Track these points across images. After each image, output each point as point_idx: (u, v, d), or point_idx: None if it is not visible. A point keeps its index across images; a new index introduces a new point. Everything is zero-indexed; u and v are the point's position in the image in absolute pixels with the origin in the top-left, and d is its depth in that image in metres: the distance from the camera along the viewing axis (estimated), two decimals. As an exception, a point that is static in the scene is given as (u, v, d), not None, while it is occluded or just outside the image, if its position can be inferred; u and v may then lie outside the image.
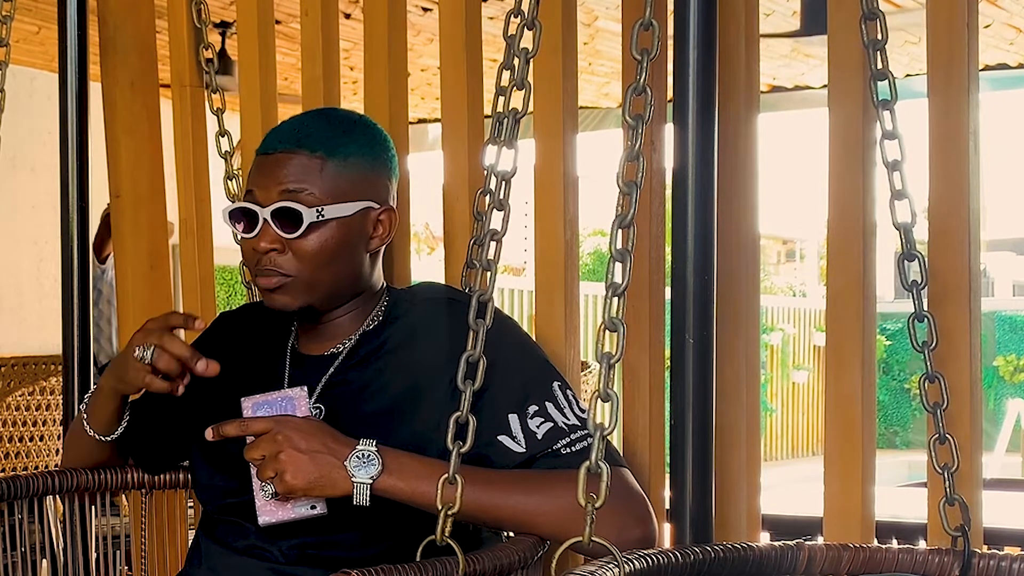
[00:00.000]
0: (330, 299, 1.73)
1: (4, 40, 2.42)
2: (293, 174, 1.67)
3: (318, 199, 1.67)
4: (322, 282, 1.70)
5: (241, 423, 1.61)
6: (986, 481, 1.78)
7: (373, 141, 1.75)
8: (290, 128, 1.72)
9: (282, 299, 1.70)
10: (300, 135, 1.69)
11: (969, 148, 1.70)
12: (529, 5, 1.69)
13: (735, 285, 1.84)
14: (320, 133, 1.70)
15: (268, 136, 1.74)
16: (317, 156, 1.68)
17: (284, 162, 1.68)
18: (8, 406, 3.97)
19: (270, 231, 1.67)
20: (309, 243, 1.67)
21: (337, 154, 1.69)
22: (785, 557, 1.49)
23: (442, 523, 1.46)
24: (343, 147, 1.70)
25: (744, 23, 1.86)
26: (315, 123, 1.73)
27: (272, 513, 1.62)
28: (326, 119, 1.75)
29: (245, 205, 1.69)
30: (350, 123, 1.75)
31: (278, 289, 1.69)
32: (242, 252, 1.74)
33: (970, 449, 1.68)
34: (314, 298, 1.71)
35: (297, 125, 1.72)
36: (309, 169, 1.67)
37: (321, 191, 1.67)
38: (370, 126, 1.78)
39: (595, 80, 7.00)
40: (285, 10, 4.96)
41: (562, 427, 1.65)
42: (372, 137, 1.75)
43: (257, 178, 1.70)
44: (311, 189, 1.67)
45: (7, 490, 1.93)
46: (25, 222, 7.07)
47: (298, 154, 1.68)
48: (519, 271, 11.91)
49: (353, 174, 1.70)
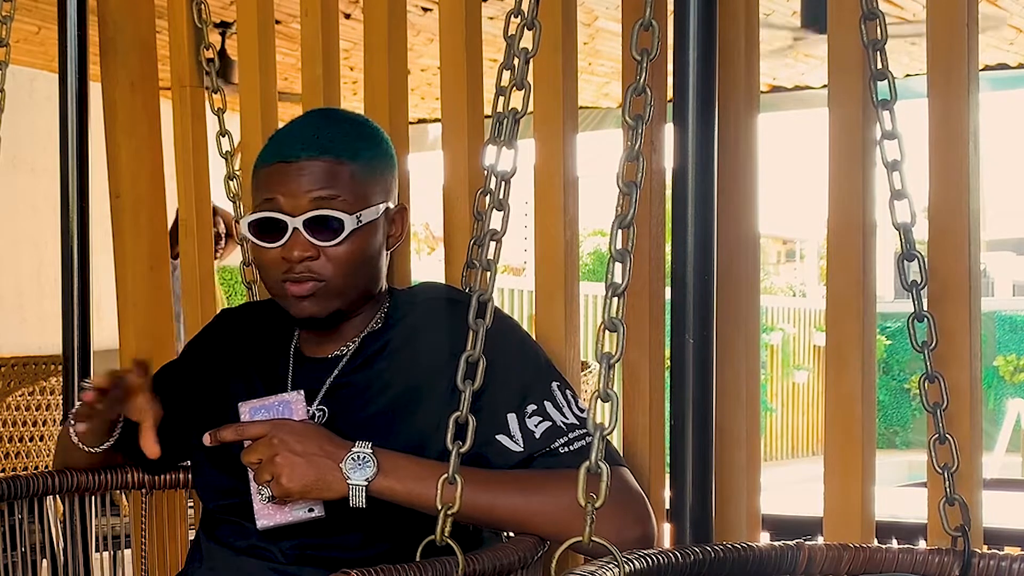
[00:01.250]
0: (354, 304, 1.73)
1: (4, 40, 2.42)
2: (322, 181, 1.66)
3: (351, 204, 1.66)
4: (353, 286, 1.70)
5: (238, 427, 1.61)
6: (986, 481, 1.78)
7: (382, 141, 1.76)
8: (308, 134, 1.70)
9: (312, 307, 1.69)
10: (321, 140, 1.68)
11: (969, 148, 1.70)
12: (529, 5, 1.69)
13: (735, 285, 1.84)
14: (340, 137, 1.69)
15: (282, 142, 1.71)
16: (343, 161, 1.67)
17: (310, 169, 1.66)
18: (8, 406, 3.97)
19: (302, 239, 1.65)
20: (345, 249, 1.67)
21: (359, 157, 1.69)
22: (785, 557, 1.49)
23: (442, 523, 1.46)
24: (363, 150, 1.70)
25: (744, 23, 1.86)
26: (331, 127, 1.72)
27: (270, 517, 1.62)
28: (339, 122, 1.75)
29: (271, 215, 1.67)
30: (360, 124, 1.76)
31: (310, 297, 1.68)
32: (261, 261, 1.70)
33: (970, 449, 1.68)
34: (343, 302, 1.71)
35: (314, 130, 1.71)
36: (337, 175, 1.66)
37: (352, 196, 1.67)
38: (374, 126, 1.79)
39: (595, 80, 6.99)
40: (285, 10, 4.96)
41: (560, 426, 1.65)
42: (380, 137, 1.76)
43: (280, 186, 1.67)
44: (343, 195, 1.66)
45: (7, 490, 1.93)
46: (25, 223, 7.06)
47: (323, 160, 1.66)
48: (519, 271, 11.91)
49: (374, 176, 1.70)
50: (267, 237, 1.67)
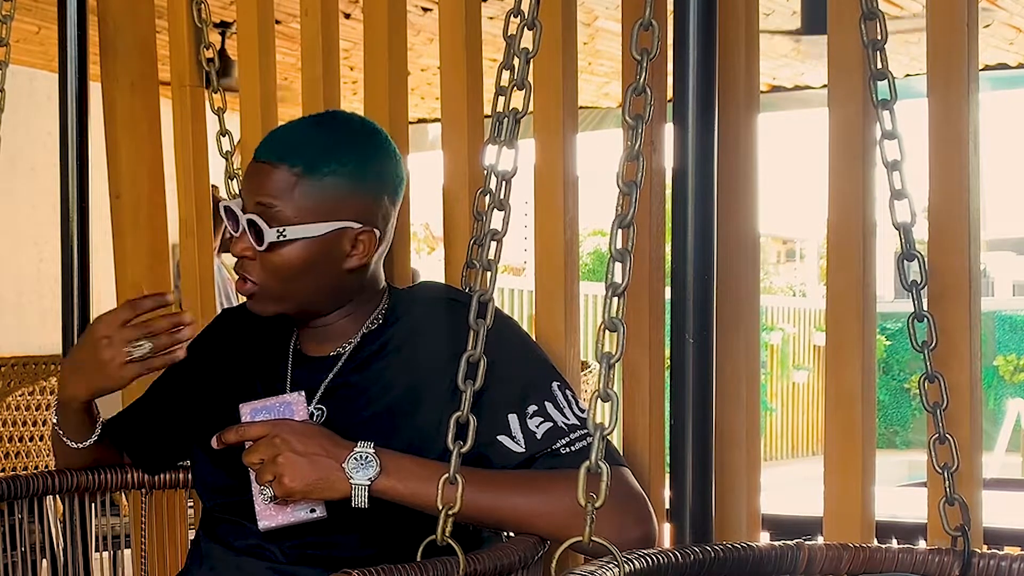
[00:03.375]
0: (305, 309, 1.73)
1: (4, 40, 2.42)
2: (268, 188, 1.67)
3: (287, 217, 1.66)
4: (291, 294, 1.70)
5: (239, 428, 1.61)
6: (986, 481, 1.77)
7: (366, 159, 1.71)
8: (280, 138, 1.72)
9: (253, 304, 1.72)
10: (285, 148, 1.68)
11: (969, 148, 1.70)
12: (529, 5, 1.69)
13: (735, 285, 1.84)
14: (307, 148, 1.68)
15: (263, 141, 1.73)
16: (294, 172, 1.66)
17: (264, 173, 1.68)
18: (8, 406, 3.97)
19: (245, 237, 1.68)
20: (274, 258, 1.67)
21: (316, 172, 1.67)
22: (785, 557, 1.49)
23: (442, 523, 1.45)
24: (324, 165, 1.67)
25: (744, 23, 1.86)
26: (306, 135, 1.71)
27: (272, 517, 1.62)
28: (322, 133, 1.72)
29: (232, 206, 1.70)
30: (348, 138, 1.72)
31: (251, 296, 1.71)
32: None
33: (970, 449, 1.68)
34: (285, 307, 1.72)
35: (289, 136, 1.72)
36: (284, 185, 1.66)
37: (292, 209, 1.66)
38: (369, 144, 1.73)
39: (595, 80, 7.00)
40: (285, 10, 4.96)
41: (562, 427, 1.65)
42: (367, 156, 1.71)
43: (244, 182, 1.72)
44: (281, 206, 1.66)
45: (7, 490, 1.93)
46: (25, 222, 7.07)
47: (278, 168, 1.67)
48: (519, 271, 11.91)
49: (330, 193, 1.67)
50: (232, 227, 1.71)
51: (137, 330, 1.70)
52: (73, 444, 1.89)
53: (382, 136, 1.75)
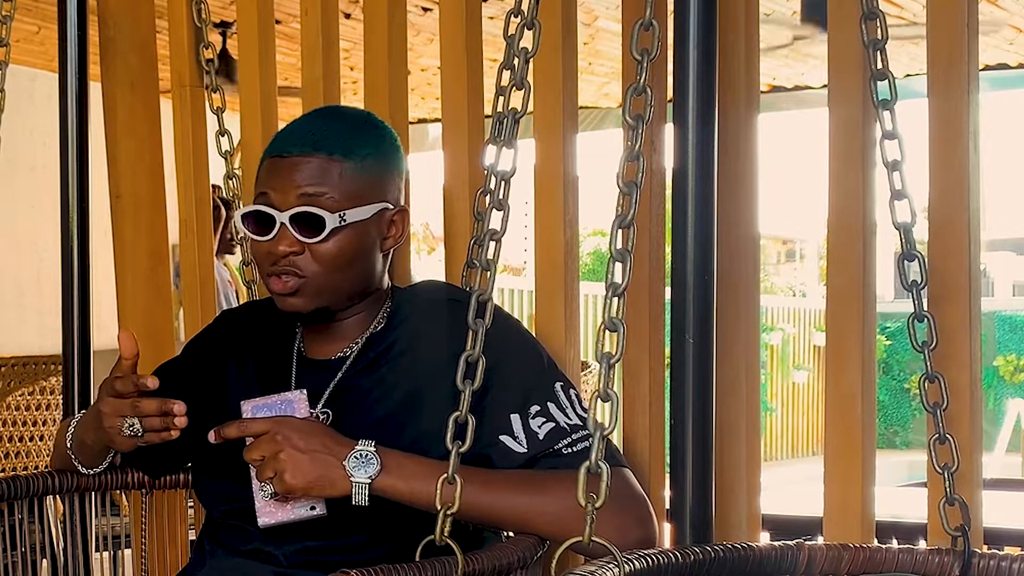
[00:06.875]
0: (343, 302, 1.73)
1: (4, 40, 2.42)
2: (311, 177, 1.66)
3: (338, 203, 1.66)
4: (338, 285, 1.70)
5: (240, 424, 1.61)
6: (986, 481, 1.77)
7: (385, 140, 1.75)
8: (304, 130, 1.71)
9: (296, 302, 1.69)
10: (316, 137, 1.68)
11: (969, 148, 1.70)
12: (529, 5, 1.69)
13: (735, 285, 1.84)
14: (336, 135, 1.69)
15: (280, 138, 1.72)
16: (335, 159, 1.67)
17: (301, 165, 1.67)
18: (8, 406, 3.97)
19: (288, 235, 1.66)
20: (329, 247, 1.67)
21: (354, 156, 1.68)
22: (785, 557, 1.49)
23: (441, 523, 1.45)
24: (359, 148, 1.69)
25: (744, 23, 1.86)
26: (329, 125, 1.72)
27: (271, 514, 1.61)
28: (339, 120, 1.74)
29: (261, 208, 1.68)
30: (362, 123, 1.75)
31: (294, 293, 1.68)
32: (254, 254, 1.73)
33: (970, 449, 1.67)
34: (328, 301, 1.70)
35: (311, 127, 1.71)
36: (327, 172, 1.66)
37: (340, 194, 1.67)
38: (380, 125, 1.77)
39: (595, 80, 6.99)
40: (285, 10, 4.95)
41: (564, 427, 1.65)
42: (383, 137, 1.75)
43: (272, 181, 1.69)
44: (330, 193, 1.66)
45: (7, 490, 1.93)
46: (25, 222, 7.06)
47: (315, 157, 1.67)
48: (519, 271, 11.91)
49: (369, 176, 1.69)
50: (259, 231, 1.68)
51: (130, 408, 1.70)
52: (83, 469, 1.95)
53: (384, 123, 1.80)
